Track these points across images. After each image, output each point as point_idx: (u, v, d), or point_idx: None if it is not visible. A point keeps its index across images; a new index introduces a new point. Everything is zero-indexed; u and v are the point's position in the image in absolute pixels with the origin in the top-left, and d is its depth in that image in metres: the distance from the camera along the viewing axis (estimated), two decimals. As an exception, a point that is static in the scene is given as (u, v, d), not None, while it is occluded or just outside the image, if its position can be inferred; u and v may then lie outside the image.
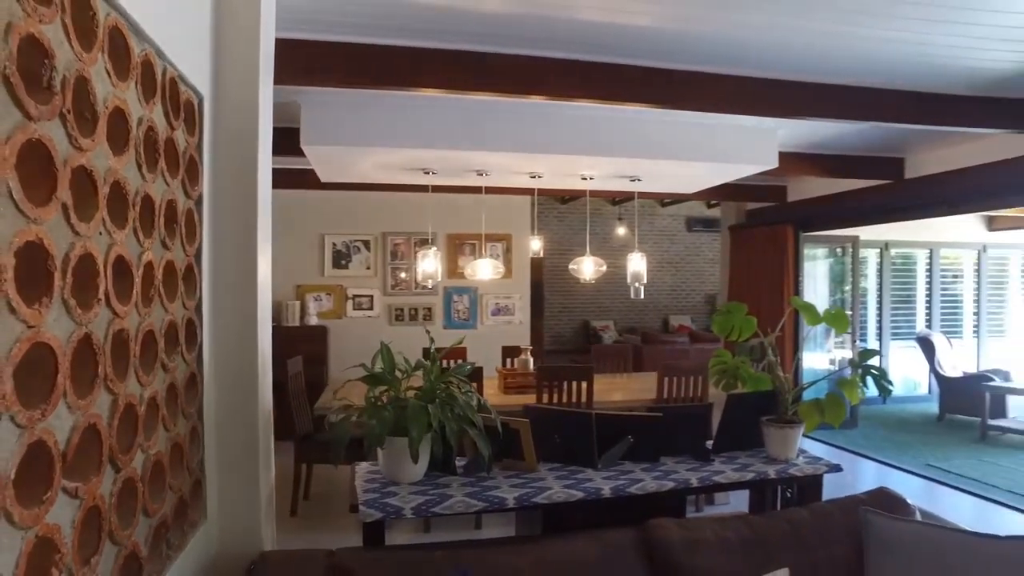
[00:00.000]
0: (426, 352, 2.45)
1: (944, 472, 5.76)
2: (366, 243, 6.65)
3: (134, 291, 1.48)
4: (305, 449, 4.32)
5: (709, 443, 2.83)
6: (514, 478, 2.46)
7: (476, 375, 4.14)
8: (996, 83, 3.68)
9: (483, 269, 4.81)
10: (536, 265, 7.86)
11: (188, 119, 1.87)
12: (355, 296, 6.58)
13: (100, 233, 1.31)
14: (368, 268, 6.65)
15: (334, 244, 6.56)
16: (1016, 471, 5.82)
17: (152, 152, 1.60)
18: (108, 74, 1.34)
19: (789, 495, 2.82)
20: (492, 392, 4.68)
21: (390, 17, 2.80)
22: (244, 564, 2.04)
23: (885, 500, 2.29)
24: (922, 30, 2.96)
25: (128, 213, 1.45)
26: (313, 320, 6.28)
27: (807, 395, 2.95)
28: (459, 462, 2.52)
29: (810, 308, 2.98)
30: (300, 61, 2.85)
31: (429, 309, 6.78)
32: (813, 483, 2.69)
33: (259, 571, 1.96)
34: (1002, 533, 2.01)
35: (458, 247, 6.81)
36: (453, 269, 6.71)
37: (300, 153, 4.09)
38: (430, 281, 4.71)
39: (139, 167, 1.52)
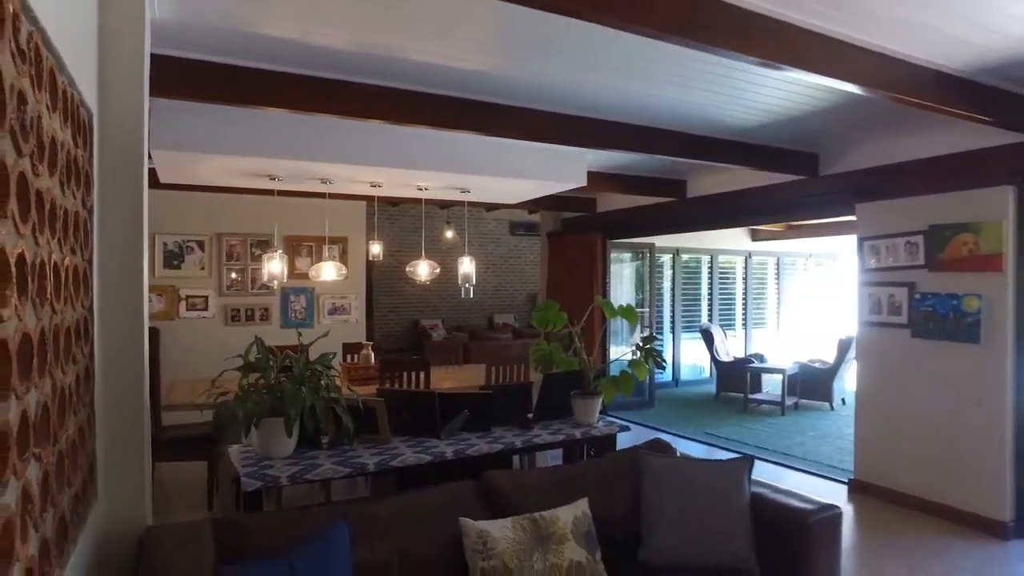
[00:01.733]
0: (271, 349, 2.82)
1: (717, 437, 7.03)
2: (200, 243, 6.57)
3: (61, 292, 1.74)
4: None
5: (530, 415, 3.47)
6: (372, 448, 2.91)
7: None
8: (741, 132, 4.79)
9: (327, 271, 5.12)
10: (368, 267, 8.15)
11: (83, 136, 2.10)
12: (188, 297, 6.48)
13: (44, 244, 1.59)
14: (203, 269, 6.58)
15: (165, 244, 6.39)
16: (763, 432, 7.28)
17: (68, 171, 1.85)
18: (47, 109, 1.61)
19: (592, 453, 3.55)
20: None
21: (250, 43, 3.09)
22: (132, 538, 2.29)
23: (656, 446, 3.06)
24: (690, 92, 3.86)
25: (56, 225, 1.71)
26: (142, 321, 6.07)
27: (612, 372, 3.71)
28: (323, 440, 2.91)
29: (608, 304, 3.75)
30: (167, 76, 3.04)
31: (266, 309, 6.86)
32: (609, 440, 3.43)
33: (151, 542, 2.22)
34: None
35: (295, 248, 6.96)
36: (291, 270, 6.84)
37: (143, 155, 4.14)
38: (275, 282, 4.92)
39: (61, 185, 1.77)
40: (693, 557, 2.65)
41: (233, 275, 6.77)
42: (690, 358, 10.69)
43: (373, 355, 5.12)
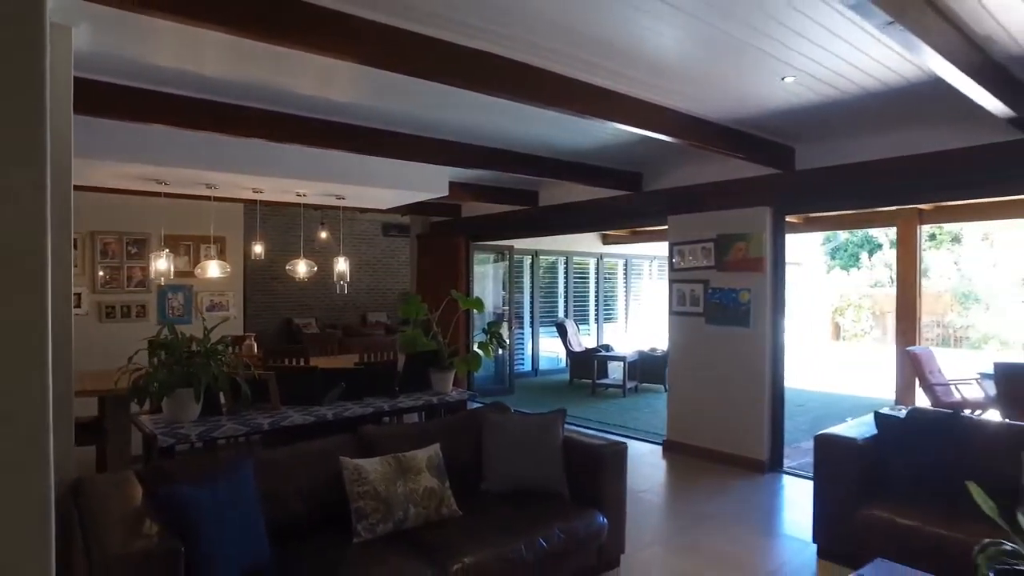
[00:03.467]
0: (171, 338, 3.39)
1: (570, 417, 8.04)
2: (72, 241, 6.67)
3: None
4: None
5: (397, 387, 4.23)
6: (265, 414, 3.55)
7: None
8: (578, 154, 5.80)
9: (212, 269, 5.57)
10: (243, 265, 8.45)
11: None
12: (62, 294, 6.56)
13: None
14: (75, 266, 6.70)
15: (37, 242, 6.44)
16: (607, 410, 8.47)
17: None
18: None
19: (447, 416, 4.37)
20: (219, 374, 5.49)
21: (148, 71, 3.60)
22: (61, 488, 2.80)
23: (497, 406, 3.93)
24: (535, 124, 4.76)
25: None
26: (11, 319, 6.11)
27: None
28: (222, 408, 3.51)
29: (462, 297, 4.59)
30: (79, 95, 3.47)
31: (143, 306, 7.06)
32: (460, 406, 4.26)
33: (84, 487, 2.76)
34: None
35: (174, 247, 7.20)
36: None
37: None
38: (162, 279, 5.30)
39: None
40: (520, 484, 3.53)
41: (101, 272, 6.90)
42: (548, 350, 11.82)
43: (256, 345, 5.63)
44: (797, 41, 3.09)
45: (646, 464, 5.98)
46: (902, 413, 3.97)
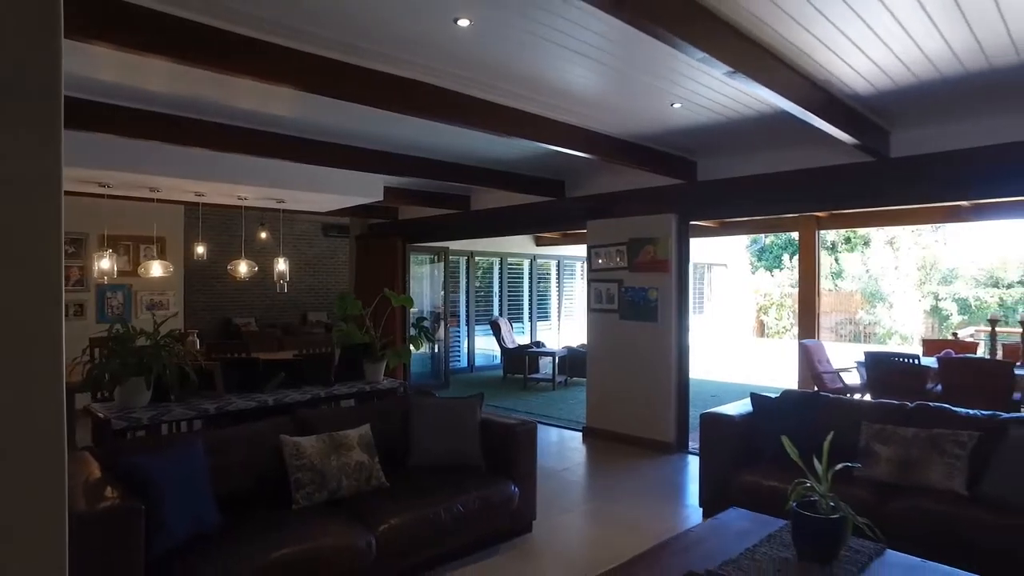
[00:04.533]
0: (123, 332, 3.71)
1: (502, 408, 8.57)
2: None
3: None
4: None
5: (333, 377, 4.63)
6: (211, 400, 3.90)
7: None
8: (505, 163, 6.30)
9: (155, 268, 5.81)
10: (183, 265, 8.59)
11: None
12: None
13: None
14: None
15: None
16: (536, 402, 9.01)
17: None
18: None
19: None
20: (161, 369, 5.73)
21: (94, 84, 3.89)
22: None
23: (422, 391, 4.38)
24: (464, 137, 5.22)
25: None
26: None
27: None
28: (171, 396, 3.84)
29: (393, 295, 5.02)
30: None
31: (80, 306, 7.17)
32: (391, 393, 4.69)
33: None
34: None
35: (114, 247, 7.33)
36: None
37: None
38: (105, 278, 5.52)
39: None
40: (443, 460, 3.99)
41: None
42: (484, 347, 12.31)
43: (198, 342, 5.90)
44: (678, 77, 3.67)
45: (567, 448, 6.53)
46: (776, 394, 4.61)
